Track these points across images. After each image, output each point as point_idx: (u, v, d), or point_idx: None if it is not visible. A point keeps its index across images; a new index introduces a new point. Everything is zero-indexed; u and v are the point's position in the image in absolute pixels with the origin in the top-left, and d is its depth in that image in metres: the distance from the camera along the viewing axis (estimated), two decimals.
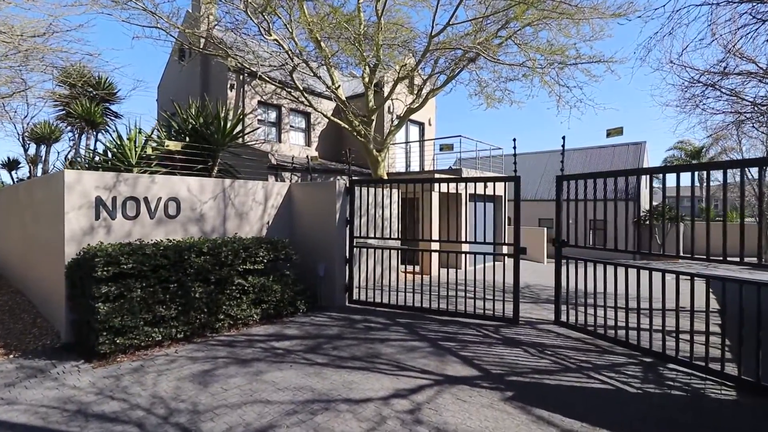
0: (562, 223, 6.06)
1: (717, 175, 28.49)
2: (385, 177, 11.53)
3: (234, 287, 5.59)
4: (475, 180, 6.75)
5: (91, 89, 13.47)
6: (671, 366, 4.39)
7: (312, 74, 10.74)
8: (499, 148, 15.47)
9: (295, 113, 14.87)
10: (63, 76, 10.30)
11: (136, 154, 6.47)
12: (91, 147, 12.62)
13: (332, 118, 11.42)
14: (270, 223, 7.37)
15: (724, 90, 8.26)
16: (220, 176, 7.89)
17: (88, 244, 5.07)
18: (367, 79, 10.97)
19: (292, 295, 6.27)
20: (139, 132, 6.65)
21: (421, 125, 17.01)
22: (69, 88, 11.52)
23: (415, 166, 16.57)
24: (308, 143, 15.33)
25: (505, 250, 9.51)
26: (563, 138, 6.15)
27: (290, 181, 11.86)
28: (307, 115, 15.18)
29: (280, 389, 3.77)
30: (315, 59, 10.96)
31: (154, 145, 6.83)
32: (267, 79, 10.92)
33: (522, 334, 5.49)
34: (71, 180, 5.09)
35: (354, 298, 7.24)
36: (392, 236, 9.70)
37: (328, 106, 15.22)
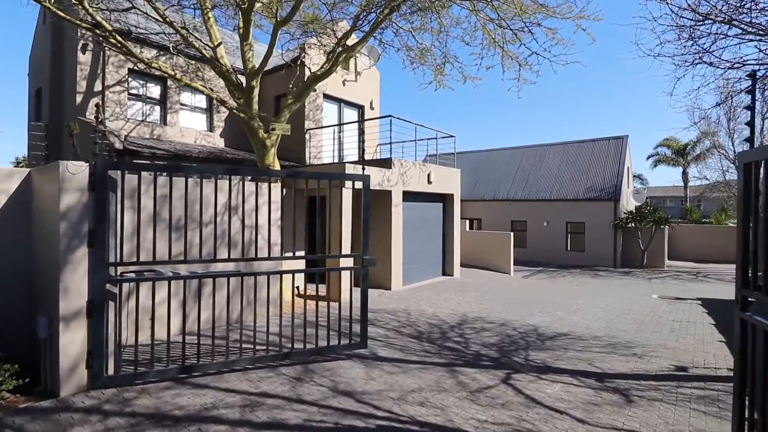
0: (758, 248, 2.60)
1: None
2: (277, 167, 8.44)
3: None
4: (302, 176, 4.27)
5: None
6: None
7: (160, 18, 7.60)
8: (451, 136, 12.41)
9: (190, 89, 11.66)
10: None
11: None
12: None
13: (190, 81, 8.21)
14: None
15: (745, 26, 5.29)
16: None
17: None
18: (241, 30, 7.87)
19: None
20: None
21: (360, 108, 13.87)
22: None
23: (353, 156, 13.43)
24: (211, 128, 12.16)
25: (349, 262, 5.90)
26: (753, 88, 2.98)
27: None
28: None
29: None
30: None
31: None
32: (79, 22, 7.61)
33: None
34: None
35: (114, 371, 4.03)
36: (269, 253, 6.61)
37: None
